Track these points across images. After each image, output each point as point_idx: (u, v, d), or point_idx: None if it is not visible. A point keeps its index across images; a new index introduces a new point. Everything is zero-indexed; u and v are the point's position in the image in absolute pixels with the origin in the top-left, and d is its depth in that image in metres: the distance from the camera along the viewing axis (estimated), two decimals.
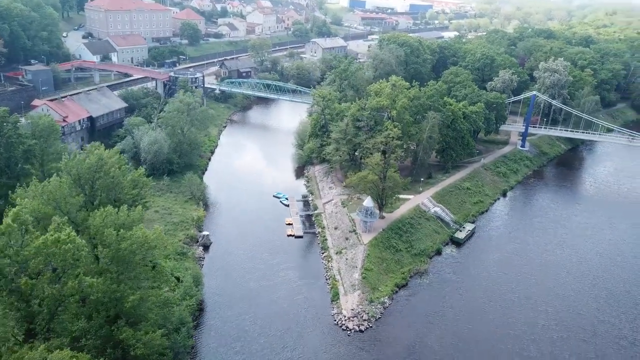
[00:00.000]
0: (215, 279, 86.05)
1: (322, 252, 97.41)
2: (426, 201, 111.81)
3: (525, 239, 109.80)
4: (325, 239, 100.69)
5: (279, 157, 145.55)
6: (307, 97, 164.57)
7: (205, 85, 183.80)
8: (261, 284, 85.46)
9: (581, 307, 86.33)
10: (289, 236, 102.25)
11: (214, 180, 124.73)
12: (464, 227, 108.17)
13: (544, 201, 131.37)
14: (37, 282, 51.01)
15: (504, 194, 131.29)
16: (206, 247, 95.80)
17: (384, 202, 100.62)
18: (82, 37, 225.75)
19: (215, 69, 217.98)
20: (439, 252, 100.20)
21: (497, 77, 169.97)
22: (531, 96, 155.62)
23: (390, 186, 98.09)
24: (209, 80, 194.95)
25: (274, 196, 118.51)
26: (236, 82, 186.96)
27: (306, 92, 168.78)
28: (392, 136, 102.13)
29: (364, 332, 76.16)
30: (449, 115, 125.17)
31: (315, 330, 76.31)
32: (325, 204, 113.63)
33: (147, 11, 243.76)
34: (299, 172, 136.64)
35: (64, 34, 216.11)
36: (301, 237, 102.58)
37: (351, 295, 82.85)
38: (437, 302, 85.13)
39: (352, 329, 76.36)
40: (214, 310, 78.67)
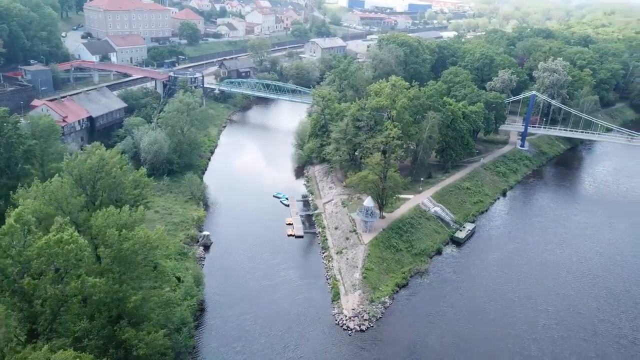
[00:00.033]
0: (215, 279, 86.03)
1: (323, 252, 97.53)
2: (426, 201, 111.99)
3: (525, 238, 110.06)
4: (325, 239, 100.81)
5: (279, 157, 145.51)
6: (307, 97, 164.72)
7: (204, 85, 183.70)
8: (262, 284, 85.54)
9: (581, 306, 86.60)
10: (290, 236, 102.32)
11: (214, 180, 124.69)
12: (464, 227, 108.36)
13: (544, 201, 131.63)
14: (39, 283, 51.02)
15: (504, 194, 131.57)
16: (206, 247, 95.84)
17: (384, 202, 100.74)
18: (81, 37, 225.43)
19: (214, 69, 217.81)
20: (439, 252, 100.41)
21: (497, 77, 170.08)
22: (530, 96, 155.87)
23: (390, 186, 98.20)
24: (209, 80, 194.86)
25: (274, 196, 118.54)
26: (235, 82, 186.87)
27: (305, 92, 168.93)
28: (393, 136, 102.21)
29: (364, 331, 76.29)
30: (448, 115, 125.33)
31: (316, 330, 76.39)
32: (325, 204, 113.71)
33: (146, 11, 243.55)
34: (299, 172, 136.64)
35: (63, 34, 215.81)
36: (301, 237, 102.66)
37: (352, 295, 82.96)
38: (437, 301, 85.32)
39: (353, 328, 76.48)
40: (214, 310, 78.71)
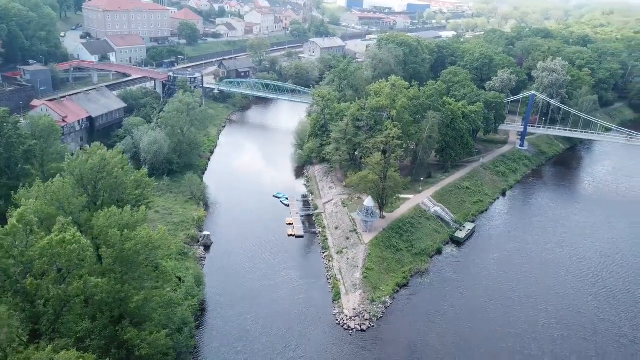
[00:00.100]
0: (216, 279, 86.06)
1: (323, 252, 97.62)
2: (426, 201, 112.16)
3: (524, 238, 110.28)
4: (325, 239, 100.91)
5: (279, 157, 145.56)
6: (306, 96, 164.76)
7: (204, 85, 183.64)
8: (262, 284, 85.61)
9: (581, 306, 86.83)
10: (290, 236, 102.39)
11: (213, 180, 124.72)
12: (464, 227, 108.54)
13: (543, 200, 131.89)
14: (42, 283, 51.09)
15: (504, 194, 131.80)
16: (207, 247, 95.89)
17: (385, 202, 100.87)
18: (80, 37, 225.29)
19: (213, 69, 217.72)
20: (439, 252, 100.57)
21: (496, 76, 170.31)
22: (530, 96, 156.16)
23: (390, 186, 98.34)
24: (208, 80, 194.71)
25: (274, 196, 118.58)
26: (235, 82, 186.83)
27: (305, 91, 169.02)
28: (393, 136, 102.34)
29: (365, 331, 76.40)
30: (448, 114, 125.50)
31: (317, 329, 76.49)
32: (325, 204, 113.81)
33: (145, 11, 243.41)
34: (299, 172, 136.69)
35: (62, 34, 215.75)
36: (302, 236, 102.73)
37: (352, 294, 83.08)
38: (438, 301, 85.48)
39: (354, 328, 76.60)
40: (215, 310, 78.76)
